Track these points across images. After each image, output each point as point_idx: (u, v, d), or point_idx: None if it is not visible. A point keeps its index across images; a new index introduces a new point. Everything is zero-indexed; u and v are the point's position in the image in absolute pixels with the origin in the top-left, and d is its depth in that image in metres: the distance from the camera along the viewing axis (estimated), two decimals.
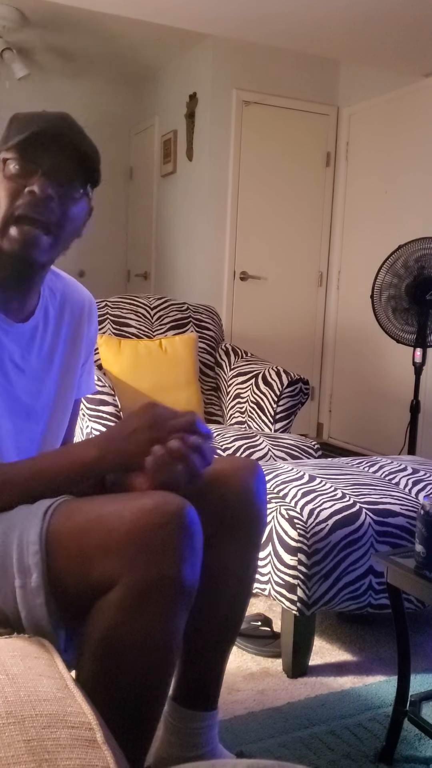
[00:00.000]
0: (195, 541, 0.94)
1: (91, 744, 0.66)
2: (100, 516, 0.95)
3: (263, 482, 1.23)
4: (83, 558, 0.93)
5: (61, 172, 1.02)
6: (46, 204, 1.01)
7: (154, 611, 0.92)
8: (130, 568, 0.90)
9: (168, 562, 0.91)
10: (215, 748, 1.25)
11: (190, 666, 1.26)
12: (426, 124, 3.78)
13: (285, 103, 4.27)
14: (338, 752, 1.43)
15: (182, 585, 0.93)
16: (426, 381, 3.42)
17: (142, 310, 2.97)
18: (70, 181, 1.04)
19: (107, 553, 0.91)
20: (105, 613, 0.92)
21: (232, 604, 1.24)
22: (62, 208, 1.03)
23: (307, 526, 1.66)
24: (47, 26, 4.08)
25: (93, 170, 1.07)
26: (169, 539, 0.91)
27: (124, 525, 0.91)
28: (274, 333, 4.40)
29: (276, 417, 2.64)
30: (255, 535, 1.23)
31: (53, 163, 1.02)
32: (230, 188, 4.22)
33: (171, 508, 0.93)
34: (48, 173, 1.01)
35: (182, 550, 0.92)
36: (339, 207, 4.46)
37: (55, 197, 1.02)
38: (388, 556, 1.41)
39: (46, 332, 1.17)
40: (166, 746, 1.25)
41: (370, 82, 4.15)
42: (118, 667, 0.93)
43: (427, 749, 1.45)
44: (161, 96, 4.75)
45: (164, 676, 0.98)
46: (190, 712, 1.24)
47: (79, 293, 1.26)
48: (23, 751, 0.62)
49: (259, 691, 1.66)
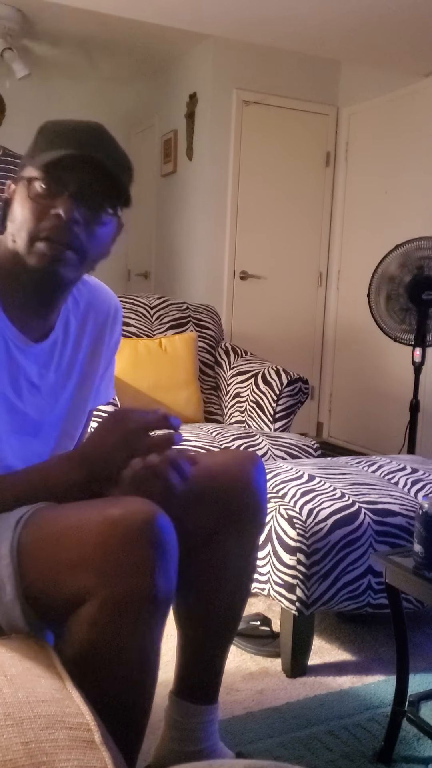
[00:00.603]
0: (167, 550, 0.92)
1: (89, 745, 0.66)
2: (68, 528, 0.93)
3: (263, 474, 1.23)
4: (54, 573, 0.92)
5: (88, 194, 0.98)
6: (70, 227, 0.97)
7: (128, 626, 0.90)
8: (101, 582, 0.88)
9: (139, 575, 0.89)
10: (215, 743, 1.26)
11: (190, 660, 1.26)
12: (426, 124, 3.77)
13: (285, 103, 4.26)
14: (337, 752, 1.44)
15: (155, 597, 0.90)
16: (425, 380, 3.42)
17: (142, 309, 2.97)
18: (99, 203, 1.00)
19: (77, 568, 0.89)
20: (78, 630, 0.90)
21: (231, 599, 1.24)
22: (88, 231, 1.00)
23: (306, 526, 1.66)
24: (47, 26, 4.08)
25: (123, 192, 1.02)
26: (139, 551, 0.89)
27: (92, 538, 0.89)
28: (274, 332, 4.40)
29: (275, 416, 2.64)
30: (255, 527, 1.23)
31: (81, 186, 0.97)
32: (230, 188, 4.21)
33: (139, 518, 0.90)
34: (75, 196, 0.97)
35: (153, 561, 0.89)
36: (339, 207, 4.46)
37: (81, 221, 0.98)
38: (387, 556, 1.41)
39: (66, 346, 1.15)
40: (167, 741, 1.26)
41: (370, 83, 4.15)
42: (95, 683, 0.89)
43: (426, 749, 1.45)
44: (161, 96, 4.75)
45: (144, 689, 0.96)
46: (190, 706, 1.24)
47: (104, 299, 1.22)
48: (21, 753, 0.63)
49: (258, 691, 1.66)
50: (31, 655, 0.84)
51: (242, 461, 1.22)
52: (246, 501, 1.20)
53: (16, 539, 0.95)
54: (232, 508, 1.19)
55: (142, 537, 0.89)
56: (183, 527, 1.03)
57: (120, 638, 0.90)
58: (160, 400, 2.67)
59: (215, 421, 2.87)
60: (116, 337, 1.26)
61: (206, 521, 1.18)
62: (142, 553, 0.89)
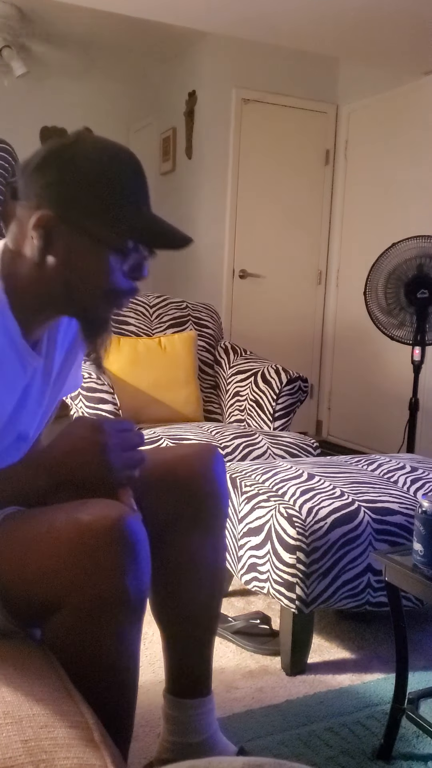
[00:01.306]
0: (137, 551, 0.92)
1: (88, 743, 0.66)
2: (39, 535, 0.93)
3: (222, 463, 1.25)
4: (27, 579, 0.92)
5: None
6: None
7: (104, 630, 0.90)
8: (73, 589, 0.89)
9: (110, 579, 0.89)
10: (215, 734, 1.26)
11: (175, 657, 1.27)
12: (425, 122, 3.77)
13: (284, 101, 4.26)
14: (336, 749, 1.44)
15: (128, 600, 0.91)
16: (425, 379, 3.42)
17: (141, 308, 2.97)
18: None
19: (49, 574, 0.90)
20: (55, 635, 0.91)
21: (207, 591, 1.24)
22: None
23: (305, 525, 1.66)
24: (46, 24, 4.07)
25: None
26: (109, 555, 0.89)
27: (62, 545, 0.89)
28: (273, 331, 4.40)
29: (275, 415, 2.64)
30: (218, 516, 1.24)
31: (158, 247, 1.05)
32: (229, 186, 4.21)
33: (107, 523, 0.90)
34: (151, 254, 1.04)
35: (123, 565, 0.90)
36: (338, 205, 4.46)
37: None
38: (387, 554, 1.41)
39: (50, 349, 1.14)
40: (166, 735, 1.26)
41: (370, 80, 4.15)
42: (76, 686, 0.89)
43: (425, 747, 1.46)
44: (160, 94, 4.75)
45: (126, 690, 0.96)
46: (183, 701, 1.25)
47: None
48: (21, 751, 0.63)
49: (258, 689, 1.66)
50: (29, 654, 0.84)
51: (200, 452, 1.24)
52: (206, 490, 1.21)
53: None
54: (192, 498, 1.20)
55: (112, 540, 0.89)
56: (146, 524, 1.03)
57: (97, 642, 0.90)
58: (160, 399, 2.67)
59: (215, 420, 2.87)
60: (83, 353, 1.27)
61: (166, 513, 1.19)
62: (113, 556, 0.89)
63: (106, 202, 0.97)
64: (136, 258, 1.02)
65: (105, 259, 0.98)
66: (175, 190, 4.57)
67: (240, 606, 2.09)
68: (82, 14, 3.66)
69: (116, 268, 1.00)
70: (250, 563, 1.80)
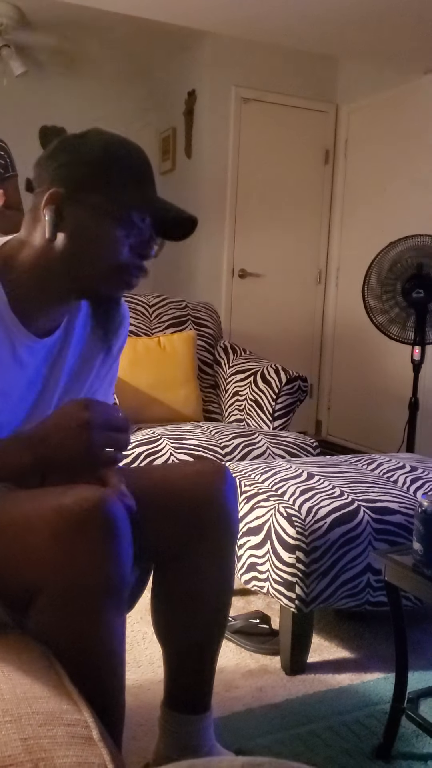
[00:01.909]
0: (118, 536, 0.91)
1: (87, 741, 0.66)
2: (21, 518, 0.92)
3: (232, 486, 1.20)
4: (9, 564, 0.92)
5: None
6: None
7: (82, 615, 0.89)
8: (55, 573, 0.88)
9: (90, 565, 0.88)
10: (212, 747, 1.25)
11: (176, 675, 1.24)
12: (425, 121, 3.77)
13: (284, 100, 4.26)
14: (336, 749, 1.44)
15: (108, 586, 0.90)
16: (425, 378, 3.42)
17: (141, 308, 2.97)
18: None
19: (32, 557, 0.89)
20: (38, 617, 0.90)
21: (213, 610, 1.22)
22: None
23: (305, 524, 1.66)
24: (45, 23, 4.07)
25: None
26: (89, 539, 0.88)
27: (44, 529, 0.89)
28: (273, 330, 4.40)
29: (275, 415, 2.64)
30: (228, 540, 1.20)
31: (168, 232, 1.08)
32: (229, 186, 4.21)
33: (89, 506, 0.89)
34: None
35: (104, 549, 0.89)
36: (338, 204, 4.45)
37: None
38: (386, 554, 1.41)
39: (65, 348, 1.15)
40: (163, 748, 1.25)
41: (369, 80, 4.15)
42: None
43: (425, 746, 1.46)
44: (160, 93, 4.74)
45: (109, 683, 0.95)
46: (182, 717, 1.23)
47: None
48: (20, 749, 0.63)
49: (258, 688, 1.66)
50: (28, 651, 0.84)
51: (209, 473, 1.18)
52: (215, 516, 1.17)
53: None
54: (201, 525, 1.16)
55: (93, 525, 0.88)
56: (151, 546, 1.02)
57: (78, 628, 0.90)
58: (159, 399, 2.67)
59: (214, 419, 2.87)
60: (121, 343, 1.27)
61: (171, 539, 1.15)
62: (93, 541, 0.88)
63: (112, 178, 1.02)
64: (142, 234, 1.04)
65: (111, 231, 1.02)
66: (174, 189, 4.57)
67: (240, 605, 2.09)
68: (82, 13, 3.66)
69: (122, 242, 1.03)
70: (250, 563, 1.80)
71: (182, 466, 1.24)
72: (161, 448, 2.24)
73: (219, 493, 1.17)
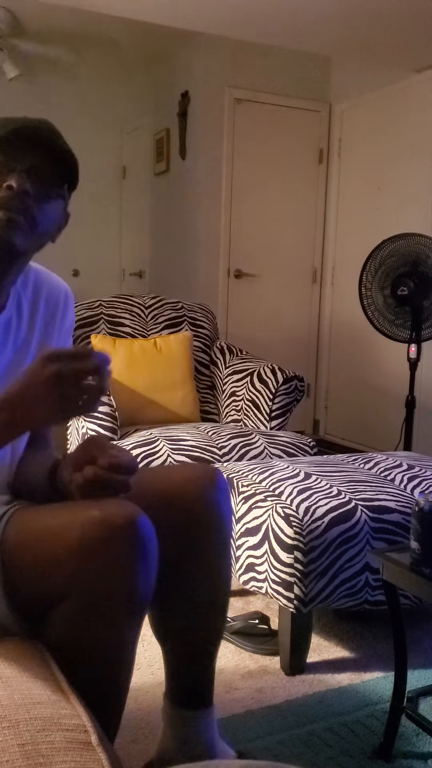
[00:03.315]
0: (147, 552, 0.92)
1: (86, 747, 0.66)
2: (50, 527, 0.93)
3: (223, 489, 1.18)
4: (34, 571, 0.92)
5: (38, 170, 1.05)
6: (22, 199, 1.03)
7: (102, 626, 0.90)
8: (80, 582, 0.88)
9: (118, 577, 0.89)
10: (214, 741, 1.25)
11: (176, 672, 1.25)
12: (418, 119, 3.78)
13: (277, 100, 4.26)
14: (336, 749, 1.44)
15: (133, 600, 0.91)
16: (421, 377, 3.42)
17: (137, 309, 2.97)
18: (48, 180, 1.07)
19: (58, 566, 0.89)
20: (55, 626, 0.91)
21: (210, 612, 1.22)
22: (38, 205, 1.06)
23: (303, 524, 1.66)
24: (38, 27, 4.07)
25: (71, 172, 1.10)
26: (119, 554, 0.89)
27: (74, 538, 0.89)
28: (269, 330, 4.40)
29: (271, 415, 2.64)
30: (221, 544, 1.19)
31: (31, 161, 1.05)
32: (223, 186, 4.21)
33: (120, 521, 0.90)
34: (26, 171, 1.04)
35: (133, 564, 0.90)
36: (332, 204, 4.46)
37: (31, 193, 1.04)
38: (384, 553, 1.41)
39: (20, 326, 1.16)
40: (166, 741, 1.26)
41: (362, 79, 4.15)
42: (68, 677, 0.89)
43: (425, 745, 1.46)
44: (153, 95, 4.74)
45: (116, 690, 0.96)
46: (184, 711, 1.24)
47: (54, 284, 1.25)
48: (18, 755, 0.62)
49: (257, 689, 1.66)
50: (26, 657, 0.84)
51: (197, 480, 1.16)
52: (205, 522, 1.15)
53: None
54: (192, 532, 1.15)
55: (123, 539, 0.89)
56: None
57: (95, 639, 0.90)
58: (156, 401, 2.67)
59: (211, 420, 2.87)
60: (69, 322, 1.27)
61: (167, 547, 1.11)
62: (123, 554, 0.89)
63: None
64: (3, 168, 1.03)
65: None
66: (169, 190, 4.57)
67: (238, 606, 2.09)
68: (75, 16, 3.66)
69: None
70: (248, 563, 1.80)
71: (170, 472, 1.23)
72: (158, 450, 2.23)
73: (209, 499, 1.15)
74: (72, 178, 1.11)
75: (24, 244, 1.06)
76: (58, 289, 1.25)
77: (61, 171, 1.09)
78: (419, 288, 2.91)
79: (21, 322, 1.16)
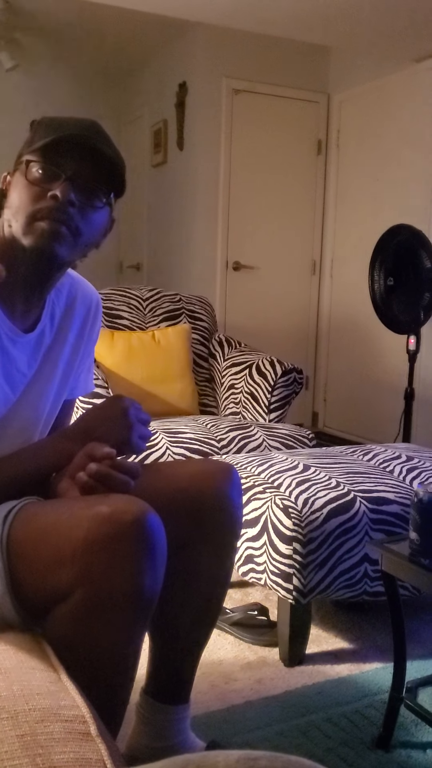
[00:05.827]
0: (155, 550, 0.91)
1: (85, 737, 0.66)
2: (57, 522, 0.93)
3: (238, 486, 1.20)
4: (41, 567, 0.92)
5: (84, 178, 1.02)
6: (66, 209, 1.00)
7: (108, 623, 0.89)
8: (86, 578, 0.88)
9: (125, 575, 0.88)
10: (185, 738, 1.26)
11: (162, 663, 1.25)
12: (416, 109, 3.76)
13: (275, 90, 4.24)
14: (336, 740, 1.44)
15: (139, 597, 0.90)
16: (420, 369, 3.42)
17: (135, 301, 2.96)
18: (93, 188, 1.04)
19: (63, 562, 0.89)
20: (59, 622, 0.91)
21: (204, 606, 1.22)
22: (82, 214, 1.03)
23: (301, 515, 1.66)
24: (35, 16, 4.04)
25: (118, 179, 1.07)
26: (126, 550, 0.88)
27: (80, 534, 0.88)
28: (268, 323, 4.39)
29: (270, 407, 2.64)
30: (230, 539, 1.20)
31: (77, 170, 1.01)
32: (221, 177, 4.20)
33: (128, 518, 0.89)
34: (71, 179, 1.01)
35: (140, 562, 0.89)
36: (331, 194, 4.44)
37: (76, 203, 1.01)
38: (383, 544, 1.41)
39: (52, 337, 1.15)
40: (137, 736, 1.26)
41: (361, 69, 4.13)
42: (72, 674, 0.88)
43: (424, 735, 1.46)
44: (151, 85, 4.72)
45: (119, 688, 0.96)
46: (161, 706, 1.24)
47: (87, 292, 1.24)
48: (17, 746, 0.62)
49: (257, 680, 1.67)
50: (25, 648, 0.84)
51: (214, 473, 1.18)
52: (219, 516, 1.17)
53: (5, 533, 0.94)
54: (203, 523, 1.16)
55: (132, 535, 0.88)
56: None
57: (99, 633, 0.90)
58: (154, 393, 2.67)
59: (210, 413, 2.87)
60: (96, 330, 1.27)
61: (175, 536, 1.12)
62: (131, 551, 0.88)
63: (31, 138, 1.03)
64: (43, 173, 1.02)
65: (20, 180, 1.02)
66: (166, 182, 4.55)
67: (237, 597, 2.09)
68: (72, 6, 3.64)
69: (28, 187, 1.01)
70: (247, 555, 1.80)
71: (189, 465, 1.25)
72: (157, 443, 2.23)
73: (223, 493, 1.17)
74: (119, 187, 1.09)
75: (66, 254, 1.05)
76: (90, 298, 1.24)
77: (107, 179, 1.06)
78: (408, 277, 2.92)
79: (53, 332, 1.16)
